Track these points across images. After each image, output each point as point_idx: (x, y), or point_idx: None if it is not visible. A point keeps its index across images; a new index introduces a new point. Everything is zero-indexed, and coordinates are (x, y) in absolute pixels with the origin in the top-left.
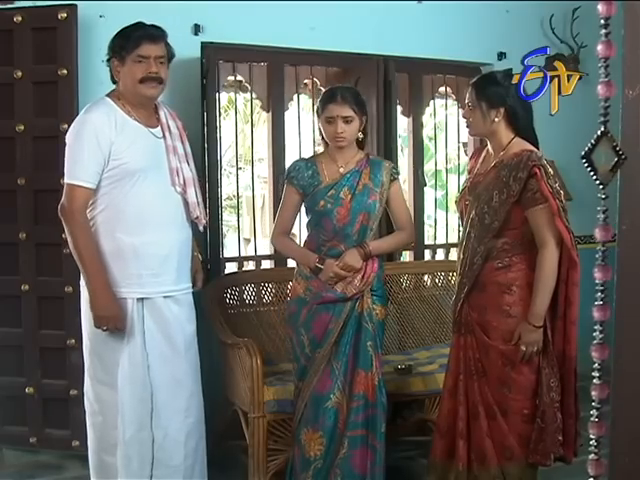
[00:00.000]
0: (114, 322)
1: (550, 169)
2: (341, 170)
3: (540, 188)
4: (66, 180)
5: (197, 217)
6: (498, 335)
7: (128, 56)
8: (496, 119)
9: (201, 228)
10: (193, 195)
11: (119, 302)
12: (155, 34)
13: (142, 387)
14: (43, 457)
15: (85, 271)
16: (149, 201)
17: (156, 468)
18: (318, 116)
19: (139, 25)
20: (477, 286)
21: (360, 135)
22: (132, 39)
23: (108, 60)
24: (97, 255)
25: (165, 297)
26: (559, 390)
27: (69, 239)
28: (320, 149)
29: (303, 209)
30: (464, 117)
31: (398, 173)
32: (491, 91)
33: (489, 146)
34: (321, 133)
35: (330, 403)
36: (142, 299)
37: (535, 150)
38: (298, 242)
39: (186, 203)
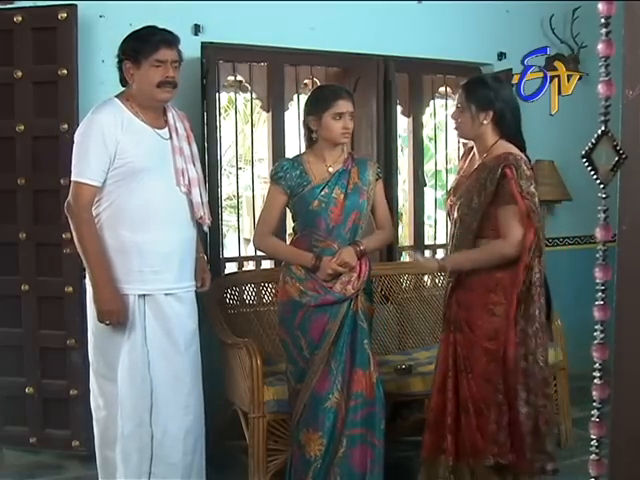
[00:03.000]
0: (117, 316)
1: (528, 171)
2: (330, 169)
3: (509, 188)
4: (73, 178)
5: (201, 217)
6: (482, 333)
7: (145, 60)
8: (484, 122)
9: (205, 228)
10: (197, 195)
11: (122, 297)
12: (172, 39)
13: (142, 383)
14: (43, 457)
15: (89, 266)
16: (153, 200)
17: (155, 465)
18: (313, 114)
19: (154, 29)
20: (463, 285)
21: None
22: (151, 43)
23: (119, 62)
24: (101, 251)
25: (166, 294)
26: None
27: (74, 235)
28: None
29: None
30: (452, 118)
31: (382, 172)
32: (480, 94)
33: (475, 148)
34: (311, 131)
35: (329, 403)
36: (144, 296)
37: (515, 152)
38: None
39: (190, 203)
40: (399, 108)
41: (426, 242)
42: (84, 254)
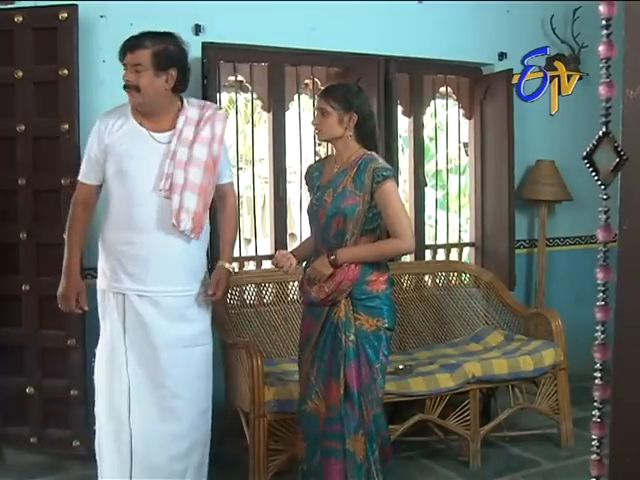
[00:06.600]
0: (66, 302)
1: None
2: (335, 171)
3: None
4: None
5: (174, 224)
6: None
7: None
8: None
9: (191, 235)
10: (177, 202)
11: (78, 286)
12: (134, 43)
13: (119, 378)
14: (43, 457)
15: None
16: (132, 203)
17: (135, 465)
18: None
19: (138, 34)
20: None
21: (349, 133)
22: (121, 48)
23: None
24: (77, 242)
25: (139, 296)
26: None
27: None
28: (319, 149)
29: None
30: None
31: (385, 176)
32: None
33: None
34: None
35: (307, 407)
36: (123, 294)
37: None
38: (299, 242)
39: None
40: (400, 108)
41: (426, 242)
42: (65, 244)
